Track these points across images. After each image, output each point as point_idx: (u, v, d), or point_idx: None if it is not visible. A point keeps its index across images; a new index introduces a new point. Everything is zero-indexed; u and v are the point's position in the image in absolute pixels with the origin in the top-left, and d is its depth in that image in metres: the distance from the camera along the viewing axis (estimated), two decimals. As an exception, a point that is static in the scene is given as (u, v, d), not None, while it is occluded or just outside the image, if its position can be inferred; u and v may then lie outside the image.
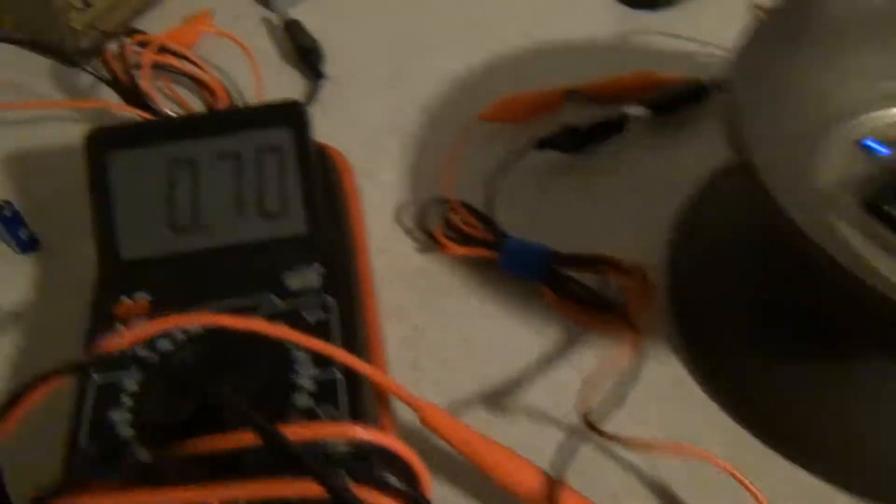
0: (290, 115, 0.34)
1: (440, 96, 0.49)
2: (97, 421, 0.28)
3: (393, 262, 0.40)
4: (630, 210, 0.42)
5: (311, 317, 0.31)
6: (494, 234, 0.39)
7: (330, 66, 0.51)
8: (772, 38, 0.33)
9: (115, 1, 0.53)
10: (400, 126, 0.47)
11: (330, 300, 0.31)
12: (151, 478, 0.25)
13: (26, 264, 0.41)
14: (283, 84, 0.50)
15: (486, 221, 0.40)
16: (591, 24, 0.53)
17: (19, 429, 0.28)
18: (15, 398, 0.26)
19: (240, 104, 0.48)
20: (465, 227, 0.40)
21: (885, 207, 0.32)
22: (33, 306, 0.39)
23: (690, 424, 0.34)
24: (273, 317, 0.31)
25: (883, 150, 0.34)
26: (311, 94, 0.48)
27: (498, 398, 0.35)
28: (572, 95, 0.47)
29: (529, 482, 0.28)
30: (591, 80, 0.47)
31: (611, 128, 0.44)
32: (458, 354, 0.36)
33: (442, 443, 0.30)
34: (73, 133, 0.48)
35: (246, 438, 0.25)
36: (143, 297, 0.32)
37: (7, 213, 0.40)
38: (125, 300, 0.32)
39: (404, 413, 0.32)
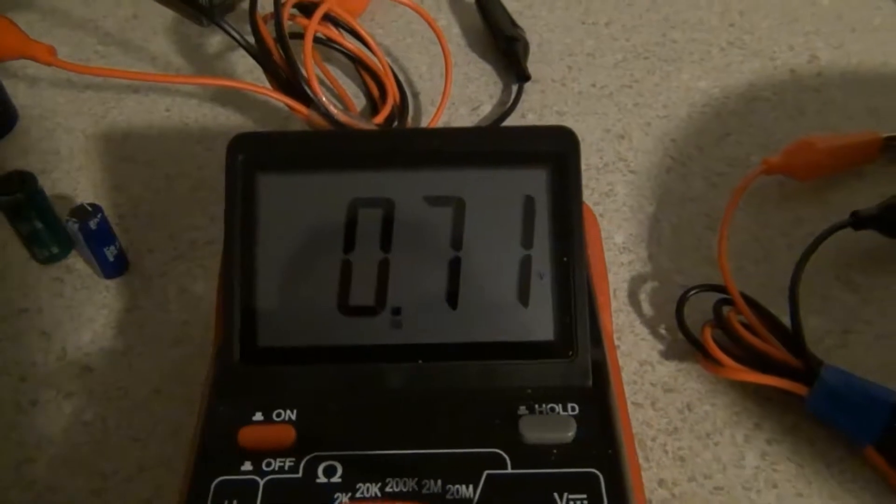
0: (552, 151, 0.21)
1: (686, 124, 0.35)
2: None
3: (627, 366, 0.27)
4: None
5: (561, 499, 0.18)
6: (803, 356, 0.25)
7: (533, 65, 0.38)
8: None
9: (264, -54, 0.41)
10: (630, 160, 0.34)
11: (595, 475, 0.19)
12: None
13: (109, 293, 0.30)
14: (468, 80, 0.37)
15: (788, 336, 0.26)
16: (892, 49, 0.39)
17: None
18: None
19: (409, 105, 0.36)
20: (749, 337, 0.26)
21: None
22: (111, 358, 0.28)
23: None
24: (497, 491, 0.18)
25: None
26: (512, 102, 0.35)
27: None
28: (887, 147, 0.33)
29: None
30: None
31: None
32: (738, 546, 0.23)
33: None
34: (190, 112, 0.36)
35: None
36: (286, 420, 0.20)
37: (93, 224, 0.28)
38: (258, 418, 0.20)
39: None
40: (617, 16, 0.41)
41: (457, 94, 0.37)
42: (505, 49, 0.37)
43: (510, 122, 0.35)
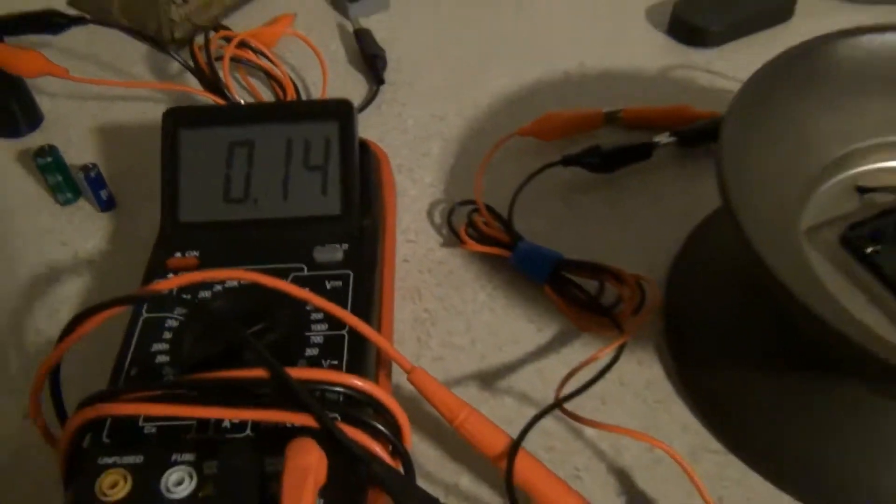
0: (339, 112, 0.39)
1: (487, 109, 0.53)
2: (141, 349, 0.33)
3: (418, 251, 0.45)
4: (644, 229, 0.45)
5: (330, 285, 0.36)
6: (510, 235, 0.43)
7: (391, 74, 0.56)
8: (776, 84, 0.36)
9: (210, -1, 0.60)
10: (445, 133, 0.52)
11: (349, 274, 0.36)
12: (176, 396, 0.30)
13: (104, 220, 0.47)
14: (347, 85, 0.56)
15: (505, 224, 0.44)
16: (640, 56, 0.57)
17: (80, 347, 0.33)
18: (80, 317, 0.32)
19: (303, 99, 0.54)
20: (485, 228, 0.44)
21: (859, 244, 0.35)
22: (105, 255, 0.45)
23: (659, 422, 0.37)
24: (299, 281, 0.36)
25: (873, 193, 0.37)
26: (370, 97, 0.53)
27: (489, 379, 0.39)
28: (610, 119, 0.50)
29: (495, 443, 0.32)
30: (630, 107, 0.51)
31: (638, 153, 0.47)
32: (461, 340, 0.41)
33: (428, 408, 0.34)
34: (156, 112, 0.54)
35: (259, 374, 0.30)
36: (193, 255, 0.37)
37: (92, 174, 0.46)
38: (178, 255, 0.37)
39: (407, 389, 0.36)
40: (455, 37, 0.59)
41: (337, 93, 0.55)
42: (370, 63, 0.55)
43: (368, 110, 0.53)
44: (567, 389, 0.35)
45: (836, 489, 0.34)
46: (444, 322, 0.42)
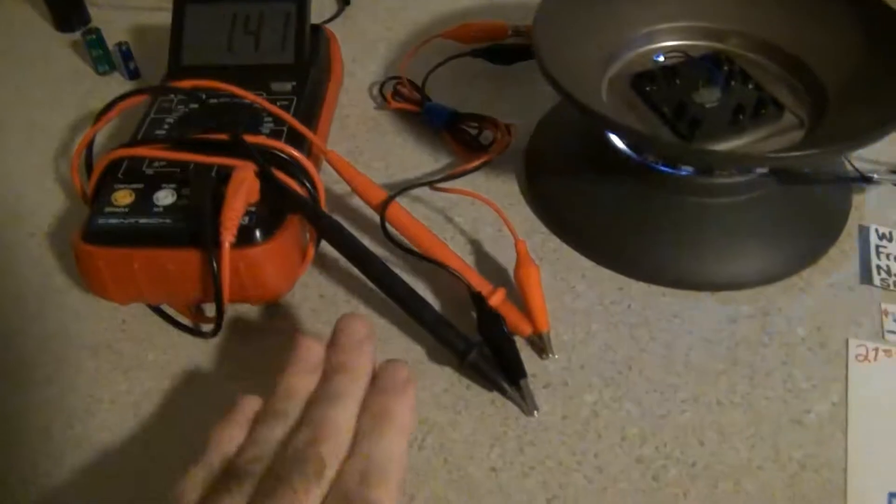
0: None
1: (426, 24, 0.70)
2: (149, 131, 0.50)
3: (359, 111, 0.61)
4: (526, 100, 0.61)
5: (279, 104, 0.52)
6: (422, 98, 0.59)
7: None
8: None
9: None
10: (390, 37, 0.68)
11: (293, 98, 0.52)
12: (168, 149, 0.46)
13: (130, 86, 0.64)
14: (323, 4, 0.72)
15: (419, 90, 0.60)
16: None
17: (113, 125, 0.50)
18: (112, 102, 0.48)
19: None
20: (406, 94, 0.60)
21: (640, 86, 0.50)
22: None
23: (510, 212, 0.52)
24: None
25: (660, 58, 0.53)
26: (338, 12, 0.70)
27: (393, 182, 0.55)
28: (514, 30, 0.66)
29: (378, 196, 0.48)
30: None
31: (529, 53, 0.63)
32: (380, 164, 0.57)
33: (346, 203, 0.50)
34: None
35: (223, 138, 0.46)
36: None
37: (124, 48, 0.63)
38: (180, 82, 0.54)
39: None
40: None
41: (314, 10, 0.71)
42: (341, -10, 0.72)
43: (337, 21, 0.70)
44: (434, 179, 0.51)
45: (605, 243, 0.49)
46: (368, 153, 0.58)
